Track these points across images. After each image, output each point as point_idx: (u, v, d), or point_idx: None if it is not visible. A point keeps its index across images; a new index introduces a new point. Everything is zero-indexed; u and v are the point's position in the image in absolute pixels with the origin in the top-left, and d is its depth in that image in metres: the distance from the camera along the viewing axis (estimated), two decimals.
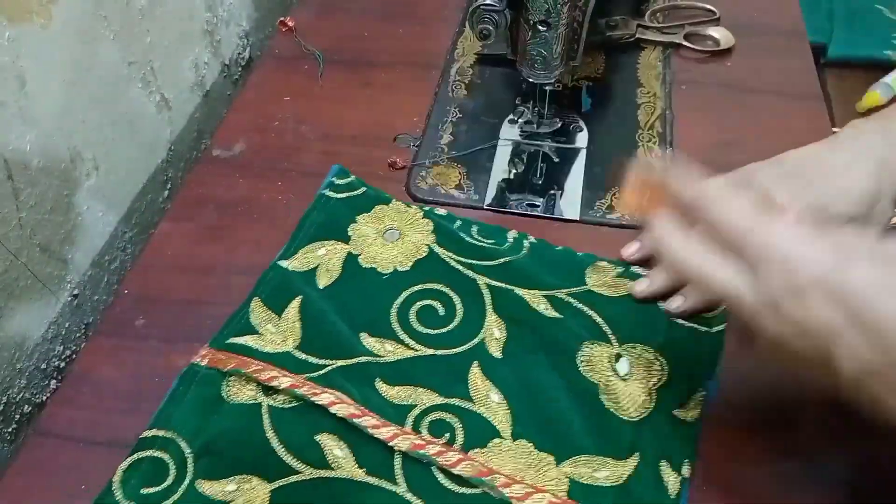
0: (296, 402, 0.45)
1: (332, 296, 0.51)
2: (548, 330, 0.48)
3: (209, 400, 0.46)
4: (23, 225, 0.50)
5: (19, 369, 0.52)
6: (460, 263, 0.52)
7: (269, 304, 0.50)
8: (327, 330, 0.48)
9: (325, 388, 0.45)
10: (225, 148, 0.64)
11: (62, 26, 0.51)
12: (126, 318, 0.52)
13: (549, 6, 0.51)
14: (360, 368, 0.46)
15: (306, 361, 0.47)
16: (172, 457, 0.43)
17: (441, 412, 0.44)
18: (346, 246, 0.54)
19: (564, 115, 0.63)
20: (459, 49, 0.72)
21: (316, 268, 0.52)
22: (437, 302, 0.50)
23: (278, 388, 0.45)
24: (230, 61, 0.77)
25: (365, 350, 0.47)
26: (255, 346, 0.47)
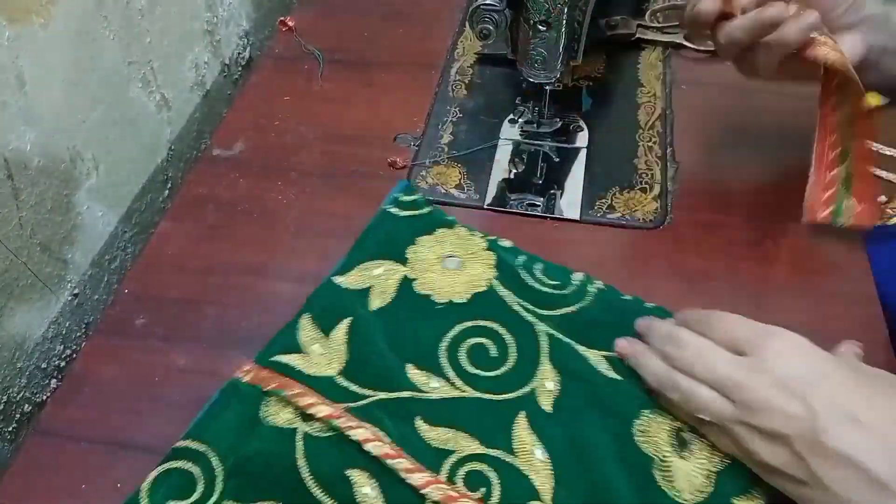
0: (331, 431, 0.43)
1: (383, 320, 0.48)
2: (605, 391, 0.45)
3: (246, 418, 0.44)
4: (23, 224, 0.50)
5: (19, 368, 0.52)
6: (520, 305, 0.49)
7: (318, 322, 0.48)
8: (373, 357, 0.47)
9: (362, 421, 0.43)
10: (225, 148, 0.64)
11: (62, 26, 0.51)
12: (126, 318, 0.52)
13: (550, 6, 0.51)
14: (402, 403, 0.44)
15: (348, 389, 0.45)
16: (203, 471, 0.42)
17: (480, 463, 0.42)
18: (404, 268, 0.51)
19: (565, 114, 0.64)
20: (459, 49, 0.72)
21: (370, 288, 0.50)
22: (490, 342, 0.47)
23: (316, 416, 0.43)
24: (230, 61, 0.77)
25: (409, 384, 0.45)
26: (299, 368, 0.46)
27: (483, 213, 0.58)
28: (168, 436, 0.46)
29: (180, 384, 0.49)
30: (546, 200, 0.58)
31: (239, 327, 0.51)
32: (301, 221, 0.58)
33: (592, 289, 0.50)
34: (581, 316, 0.49)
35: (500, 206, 0.58)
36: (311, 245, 0.56)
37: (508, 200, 0.58)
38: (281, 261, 0.55)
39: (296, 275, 0.54)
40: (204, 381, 0.49)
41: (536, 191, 0.59)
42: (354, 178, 0.61)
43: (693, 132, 0.62)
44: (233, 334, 0.51)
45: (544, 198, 0.58)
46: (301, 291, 0.53)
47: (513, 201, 0.58)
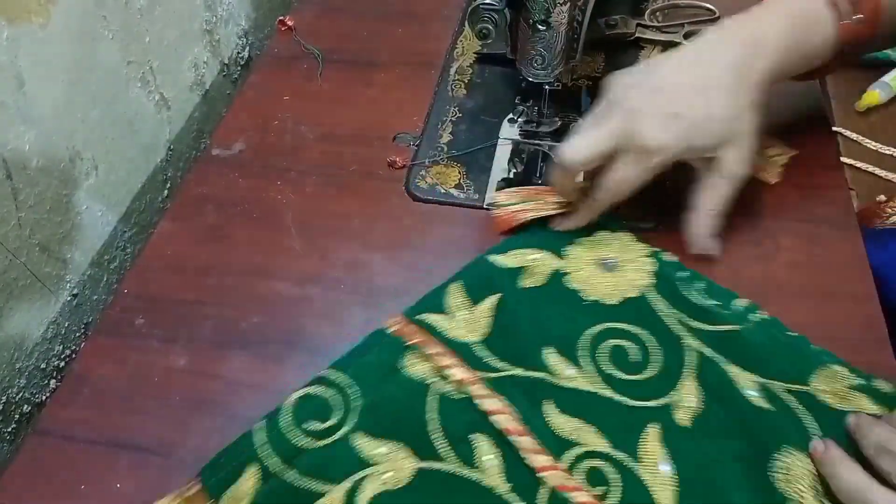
0: (462, 395, 0.44)
1: (530, 299, 0.49)
2: (749, 417, 0.43)
3: (386, 364, 0.46)
4: (22, 224, 0.50)
5: (19, 369, 0.52)
6: (672, 317, 0.48)
7: (467, 291, 0.50)
8: (515, 334, 0.47)
9: (494, 392, 0.44)
10: (224, 147, 0.64)
11: (61, 26, 0.51)
12: (125, 318, 0.52)
13: (549, 5, 0.51)
14: (535, 384, 0.45)
15: (484, 359, 0.46)
16: (341, 401, 0.45)
17: (603, 462, 0.41)
18: (559, 261, 0.51)
19: (564, 114, 0.63)
20: (459, 48, 0.72)
21: (523, 268, 0.51)
22: (633, 346, 0.47)
23: (450, 378, 0.45)
24: (229, 61, 0.77)
25: (545, 366, 0.45)
26: (442, 329, 0.47)
27: (482, 213, 0.58)
28: (167, 436, 0.46)
29: (180, 384, 0.49)
30: None
31: (238, 327, 0.51)
32: (300, 221, 0.58)
33: (755, 317, 0.48)
34: (739, 336, 0.46)
35: None
36: (310, 245, 0.56)
37: None
38: (280, 261, 0.55)
39: (295, 275, 0.54)
40: (203, 381, 0.49)
41: None
42: (354, 177, 0.61)
43: None
44: (232, 334, 0.51)
45: None
46: (301, 291, 0.53)
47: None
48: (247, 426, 0.46)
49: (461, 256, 0.54)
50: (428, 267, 0.54)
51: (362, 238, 0.56)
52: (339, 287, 0.53)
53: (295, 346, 0.50)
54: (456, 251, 0.55)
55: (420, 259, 0.55)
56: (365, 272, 0.54)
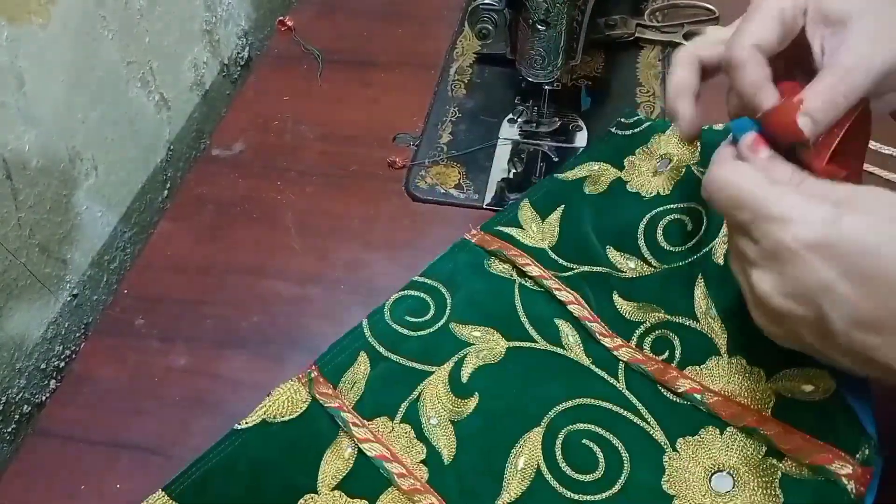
0: (541, 289, 0.50)
1: (592, 204, 0.54)
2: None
3: (473, 265, 0.52)
4: (22, 225, 0.50)
5: (19, 369, 0.52)
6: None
7: (536, 207, 0.55)
8: (579, 237, 0.52)
9: (566, 287, 0.49)
10: (224, 147, 0.64)
11: (61, 26, 0.51)
12: (125, 318, 0.52)
13: (549, 5, 0.51)
14: (601, 277, 0.49)
15: (556, 261, 0.51)
16: (434, 300, 0.50)
17: (664, 330, 0.46)
18: (619, 172, 0.55)
19: (564, 114, 0.63)
20: (459, 48, 0.72)
21: (585, 177, 0.56)
22: (686, 217, 0.50)
23: (529, 274, 0.50)
24: (229, 61, 0.77)
25: (608, 262, 0.50)
26: (517, 237, 0.53)
27: (482, 213, 0.58)
28: (167, 436, 0.46)
29: (179, 384, 0.49)
30: None
31: (238, 327, 0.51)
32: (300, 221, 0.58)
33: None
34: None
35: (500, 205, 0.58)
36: (310, 245, 0.56)
37: (508, 200, 0.58)
38: (280, 260, 0.55)
39: (295, 274, 0.54)
40: (203, 381, 0.49)
41: None
42: (354, 177, 0.61)
43: None
44: (232, 334, 0.51)
45: None
46: (301, 291, 0.53)
47: (512, 201, 0.58)
48: None
49: None
50: None
51: (362, 238, 0.56)
52: (339, 287, 0.53)
53: (295, 345, 0.50)
54: None
55: (420, 259, 0.55)
56: (365, 272, 0.54)
